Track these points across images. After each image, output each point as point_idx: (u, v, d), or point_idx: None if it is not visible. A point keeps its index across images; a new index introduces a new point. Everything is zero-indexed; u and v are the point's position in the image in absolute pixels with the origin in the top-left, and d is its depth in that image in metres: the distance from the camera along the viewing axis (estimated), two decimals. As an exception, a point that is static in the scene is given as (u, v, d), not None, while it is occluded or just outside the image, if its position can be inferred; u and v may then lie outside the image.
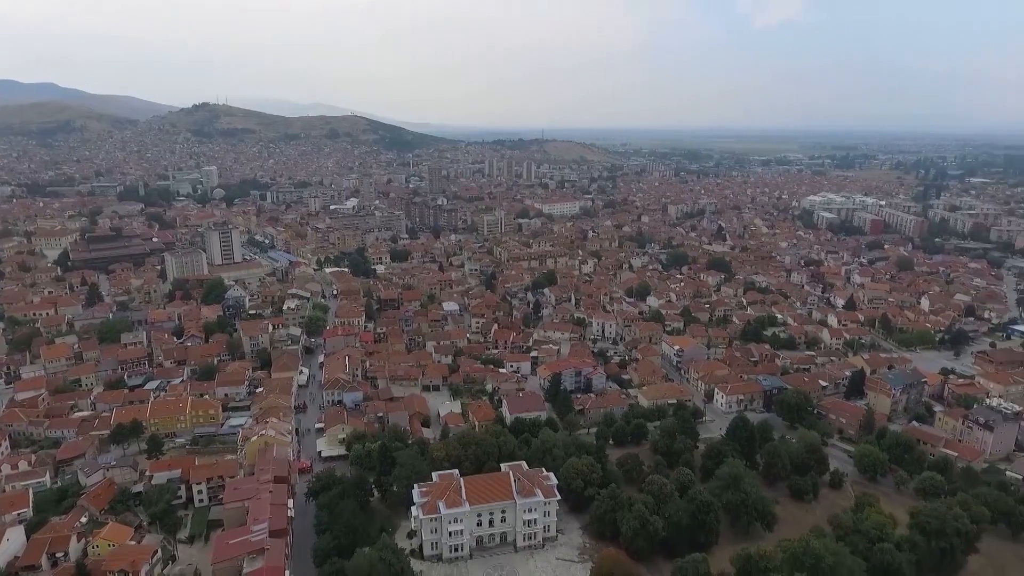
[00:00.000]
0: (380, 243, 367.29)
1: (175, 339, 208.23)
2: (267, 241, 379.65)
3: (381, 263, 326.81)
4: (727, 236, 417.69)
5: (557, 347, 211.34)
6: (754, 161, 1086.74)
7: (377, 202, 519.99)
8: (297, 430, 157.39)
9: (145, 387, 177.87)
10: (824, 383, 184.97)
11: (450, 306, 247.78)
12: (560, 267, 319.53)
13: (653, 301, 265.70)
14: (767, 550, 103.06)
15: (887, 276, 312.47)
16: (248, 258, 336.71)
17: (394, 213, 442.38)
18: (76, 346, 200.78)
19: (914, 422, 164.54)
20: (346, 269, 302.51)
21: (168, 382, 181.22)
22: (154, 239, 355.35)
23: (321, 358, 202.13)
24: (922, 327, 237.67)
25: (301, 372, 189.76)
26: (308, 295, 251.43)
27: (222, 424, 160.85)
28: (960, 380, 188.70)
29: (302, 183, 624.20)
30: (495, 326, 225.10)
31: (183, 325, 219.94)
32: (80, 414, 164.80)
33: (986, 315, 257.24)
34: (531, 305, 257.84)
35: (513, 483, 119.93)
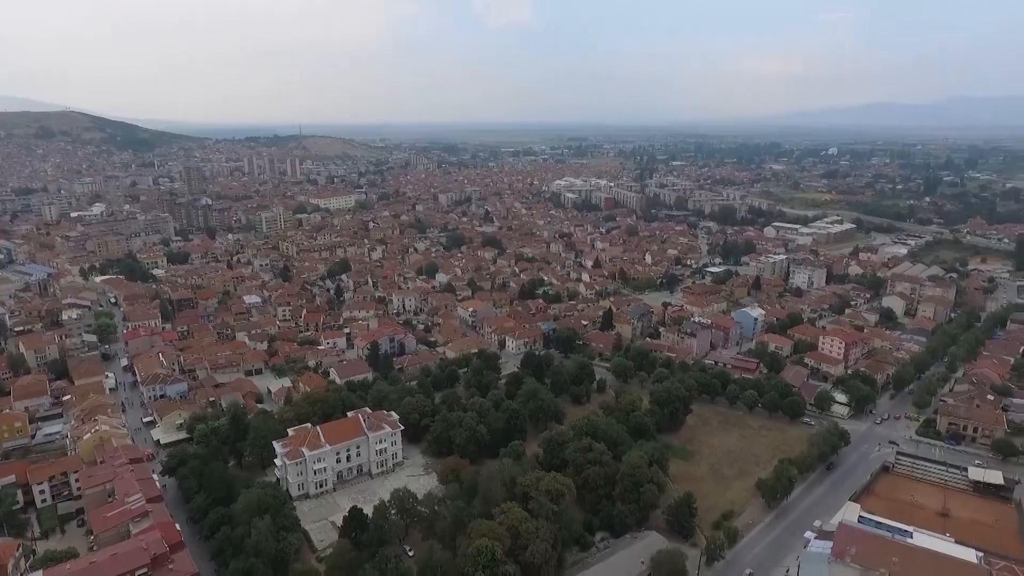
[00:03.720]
0: (151, 247, 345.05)
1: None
2: (1, 256, 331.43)
3: (158, 267, 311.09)
4: (494, 218, 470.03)
5: (367, 322, 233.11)
6: (505, 152, 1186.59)
7: (128, 207, 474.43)
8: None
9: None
10: (585, 322, 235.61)
11: (252, 299, 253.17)
12: (351, 255, 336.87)
13: (441, 277, 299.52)
14: (562, 430, 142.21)
15: (620, 240, 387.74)
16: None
17: (160, 216, 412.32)
18: None
19: (648, 339, 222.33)
20: (121, 276, 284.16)
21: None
22: None
23: (124, 361, 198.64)
24: (647, 275, 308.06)
25: (107, 377, 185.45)
26: (88, 303, 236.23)
27: (33, 435, 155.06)
28: (674, 308, 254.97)
29: (25, 190, 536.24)
30: (304, 311, 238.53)
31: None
32: None
33: (688, 263, 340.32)
34: (332, 291, 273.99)
35: (363, 422, 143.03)
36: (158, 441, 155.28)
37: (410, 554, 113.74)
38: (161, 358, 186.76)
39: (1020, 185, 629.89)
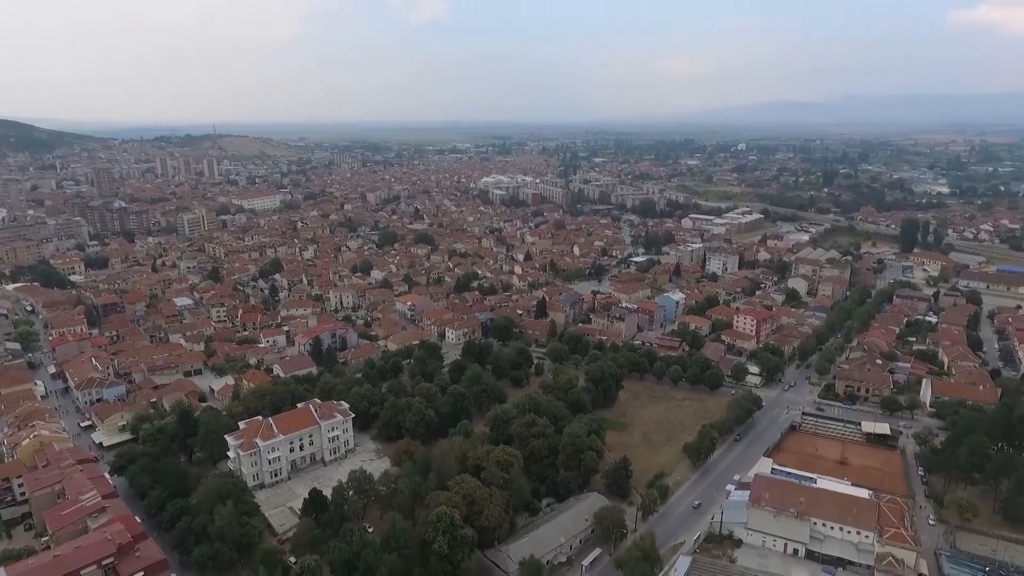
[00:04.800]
0: (65, 253, 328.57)
1: None
2: None
3: (76, 272, 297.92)
4: (424, 216, 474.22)
5: (305, 320, 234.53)
6: (430, 151, 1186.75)
7: (32, 212, 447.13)
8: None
9: None
10: (520, 311, 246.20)
11: (183, 301, 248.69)
12: (282, 255, 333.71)
13: (377, 274, 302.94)
14: (506, 408, 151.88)
15: (549, 234, 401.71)
16: None
17: (72, 220, 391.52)
18: None
19: (580, 324, 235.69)
20: (35, 283, 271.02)
21: None
22: None
23: (52, 368, 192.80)
24: (576, 266, 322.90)
25: (36, 384, 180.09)
26: (4, 312, 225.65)
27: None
28: (603, 295, 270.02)
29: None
30: (240, 311, 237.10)
31: None
32: None
33: (614, 253, 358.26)
34: (266, 291, 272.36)
35: (315, 412, 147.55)
36: (100, 444, 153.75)
37: (370, 531, 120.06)
38: (95, 362, 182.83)
39: (905, 176, 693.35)
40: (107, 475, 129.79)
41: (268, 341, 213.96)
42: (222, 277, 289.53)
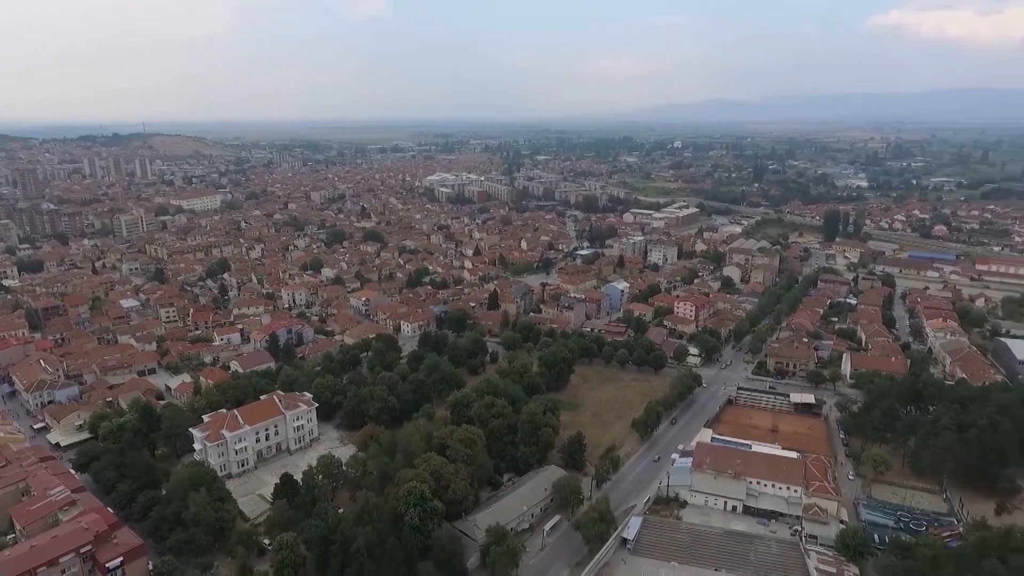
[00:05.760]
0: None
1: None
2: None
3: (8, 276, 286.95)
4: (371, 214, 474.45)
5: (259, 318, 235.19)
6: (372, 150, 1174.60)
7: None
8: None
9: None
10: (472, 304, 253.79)
11: (129, 302, 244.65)
12: (228, 255, 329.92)
13: (328, 272, 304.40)
14: (466, 392, 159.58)
15: (496, 230, 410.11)
16: None
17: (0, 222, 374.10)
18: None
19: (531, 314, 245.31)
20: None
21: None
22: None
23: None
24: (524, 260, 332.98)
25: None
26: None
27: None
28: (552, 286, 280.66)
29: None
30: (191, 311, 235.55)
31: None
32: None
33: (560, 247, 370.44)
34: (216, 290, 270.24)
35: (279, 402, 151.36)
36: (57, 444, 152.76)
37: (340, 512, 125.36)
38: (44, 365, 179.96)
39: (828, 171, 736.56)
40: (72, 471, 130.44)
41: (223, 339, 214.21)
42: (168, 278, 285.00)
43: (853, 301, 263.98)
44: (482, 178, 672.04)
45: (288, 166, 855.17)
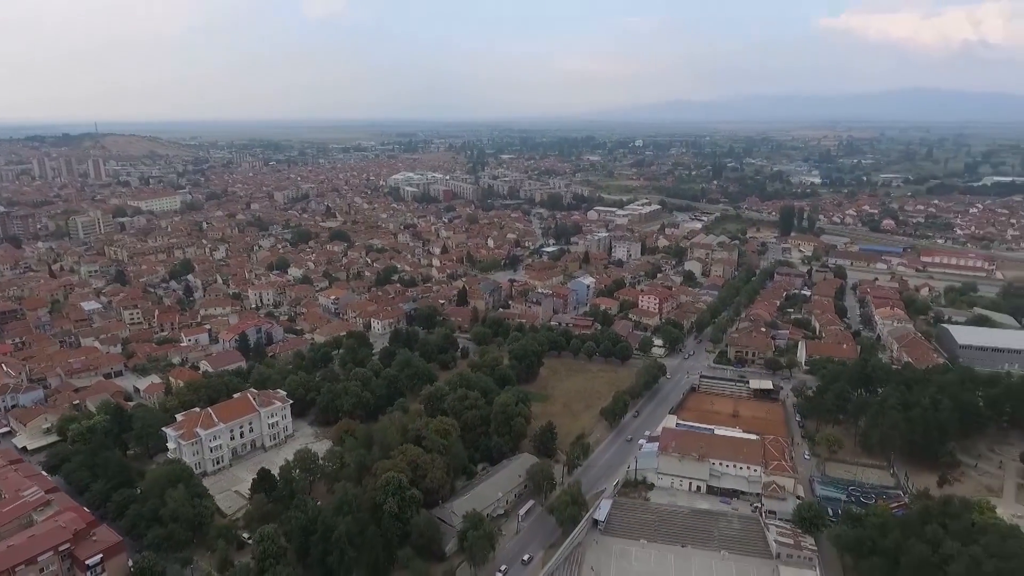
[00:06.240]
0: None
1: None
2: None
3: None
4: (336, 214, 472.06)
5: (226, 318, 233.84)
6: (335, 149, 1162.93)
7: None
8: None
9: None
10: (442, 301, 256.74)
11: (91, 305, 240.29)
12: (191, 256, 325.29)
13: (295, 271, 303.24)
14: (439, 385, 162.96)
15: (463, 228, 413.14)
16: None
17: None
18: None
19: (500, 310, 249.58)
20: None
21: None
22: None
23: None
24: (492, 257, 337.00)
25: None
26: None
27: None
28: (519, 283, 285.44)
29: None
30: (157, 312, 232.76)
31: None
32: None
33: (526, 244, 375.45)
34: (181, 291, 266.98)
35: (253, 400, 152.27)
36: (24, 448, 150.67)
37: (319, 504, 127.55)
38: (6, 369, 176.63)
39: (784, 169, 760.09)
40: (44, 472, 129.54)
41: (190, 340, 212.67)
42: (130, 280, 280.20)
43: (807, 292, 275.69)
44: (447, 177, 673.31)
45: (249, 166, 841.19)
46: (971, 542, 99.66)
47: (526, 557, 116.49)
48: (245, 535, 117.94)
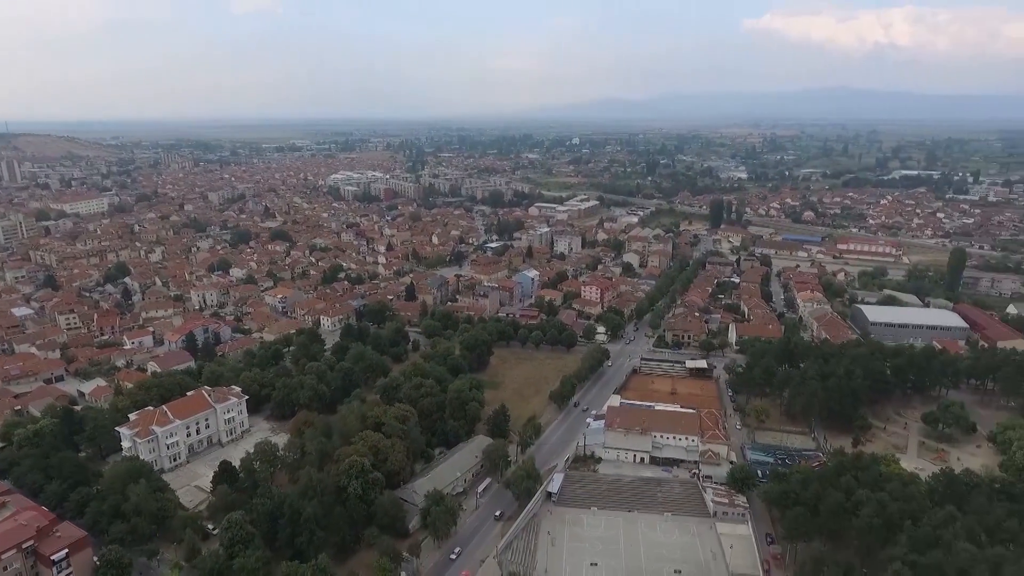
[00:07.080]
0: None
1: None
2: None
3: None
4: (276, 214, 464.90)
5: (170, 319, 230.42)
6: (268, 148, 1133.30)
7: None
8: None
9: None
10: (390, 296, 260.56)
11: (22, 310, 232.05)
12: (125, 259, 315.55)
13: (237, 272, 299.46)
14: (395, 375, 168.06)
15: (406, 226, 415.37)
16: None
17: None
18: None
19: (448, 303, 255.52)
20: None
21: None
22: None
23: None
24: (437, 253, 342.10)
25: None
26: None
27: None
28: (466, 277, 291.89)
29: None
30: (95, 316, 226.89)
31: None
32: None
33: (470, 241, 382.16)
34: (118, 294, 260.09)
35: (208, 396, 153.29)
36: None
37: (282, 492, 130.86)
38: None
39: (713, 165, 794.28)
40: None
41: (134, 342, 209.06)
42: (61, 284, 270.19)
43: (736, 280, 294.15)
44: (387, 176, 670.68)
45: (178, 166, 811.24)
46: (879, 490, 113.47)
47: (498, 513, 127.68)
48: (210, 526, 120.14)
